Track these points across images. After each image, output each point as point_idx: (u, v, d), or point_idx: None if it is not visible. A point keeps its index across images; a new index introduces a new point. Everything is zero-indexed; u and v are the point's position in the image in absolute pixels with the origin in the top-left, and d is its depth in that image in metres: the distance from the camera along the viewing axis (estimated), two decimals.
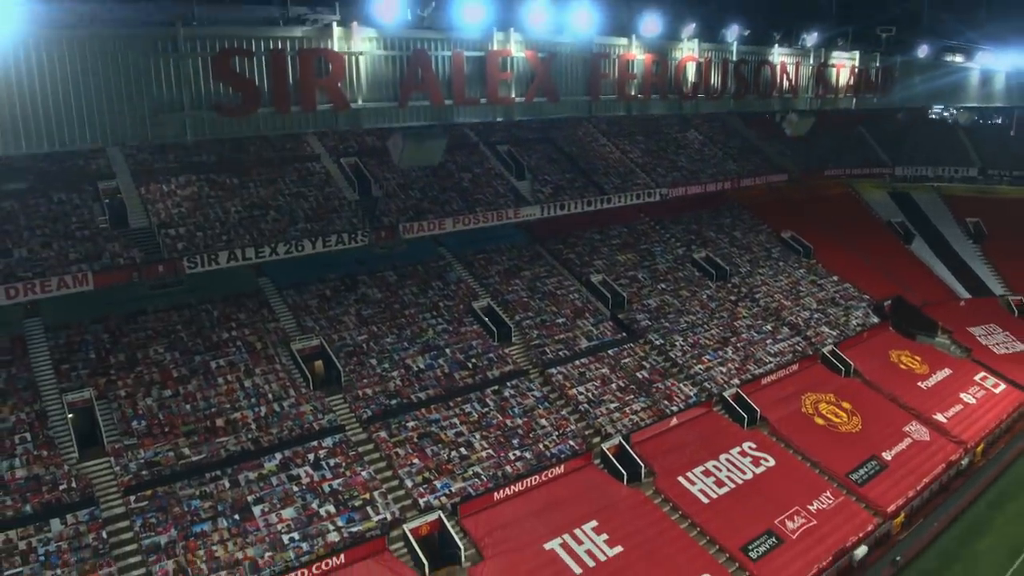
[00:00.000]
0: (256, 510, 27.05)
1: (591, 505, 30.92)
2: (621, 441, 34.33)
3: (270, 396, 32.03)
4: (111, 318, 33.12)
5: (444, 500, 29.45)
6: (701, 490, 33.07)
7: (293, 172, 41.80)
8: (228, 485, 27.72)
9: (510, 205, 45.89)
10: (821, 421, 39.59)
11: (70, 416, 28.82)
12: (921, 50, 36.96)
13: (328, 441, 30.71)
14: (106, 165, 37.80)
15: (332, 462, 29.85)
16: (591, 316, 43.29)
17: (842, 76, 34.44)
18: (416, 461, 30.96)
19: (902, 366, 46.62)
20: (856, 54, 34.46)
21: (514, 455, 32.32)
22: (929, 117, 75.13)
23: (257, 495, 27.62)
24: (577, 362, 39.27)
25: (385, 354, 36.13)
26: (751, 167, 62.07)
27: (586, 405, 36.47)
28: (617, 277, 47.38)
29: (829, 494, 34.02)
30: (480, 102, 23.62)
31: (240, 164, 40.76)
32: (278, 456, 29.41)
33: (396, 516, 28.26)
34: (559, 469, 32.26)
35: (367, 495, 28.78)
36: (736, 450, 35.95)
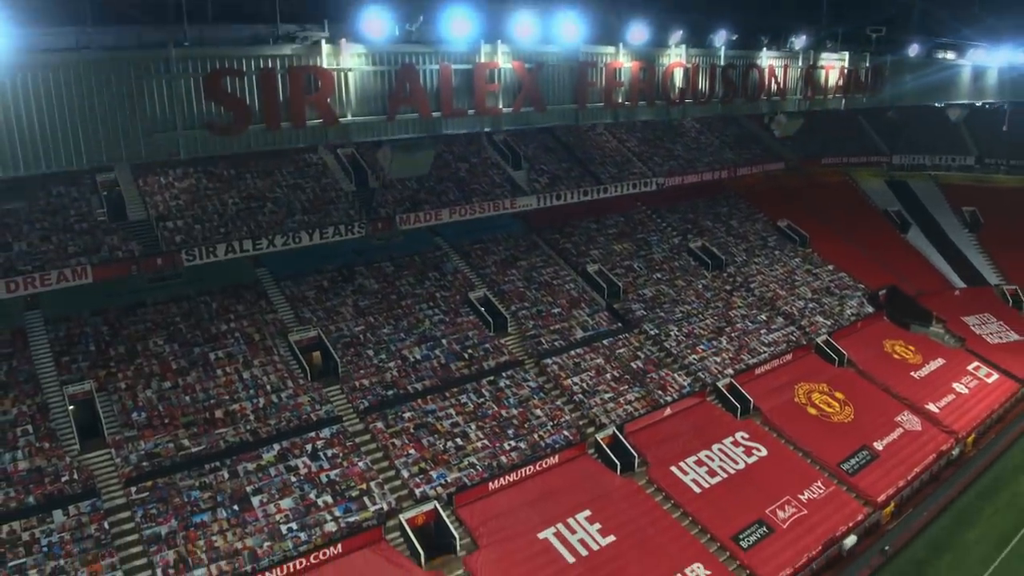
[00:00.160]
0: (255, 500, 27.53)
1: (585, 495, 31.39)
2: (615, 431, 34.76)
3: (268, 387, 32.44)
4: (110, 310, 33.47)
5: (440, 490, 29.92)
6: (693, 480, 33.52)
7: (290, 164, 41.98)
8: (227, 476, 28.18)
9: (507, 195, 46.11)
10: (814, 411, 40.01)
11: (71, 408, 29.25)
12: (912, 49, 36.94)
13: (325, 432, 31.15)
14: None
15: (329, 453, 30.30)
16: (587, 306, 43.62)
17: (831, 77, 34.45)
18: (412, 451, 31.41)
19: (895, 356, 46.98)
20: (845, 55, 34.46)
21: (509, 445, 32.76)
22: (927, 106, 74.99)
23: (256, 486, 28.09)
24: (572, 352, 39.65)
25: (382, 345, 36.51)
26: (748, 155, 62.18)
27: (581, 395, 36.87)
28: (613, 267, 47.67)
29: (820, 484, 34.48)
30: (468, 113, 23.88)
31: (237, 156, 40.84)
32: (276, 447, 29.87)
33: (392, 506, 28.74)
34: (553, 459, 32.72)
35: (364, 485, 29.25)
36: (729, 440, 36.37)
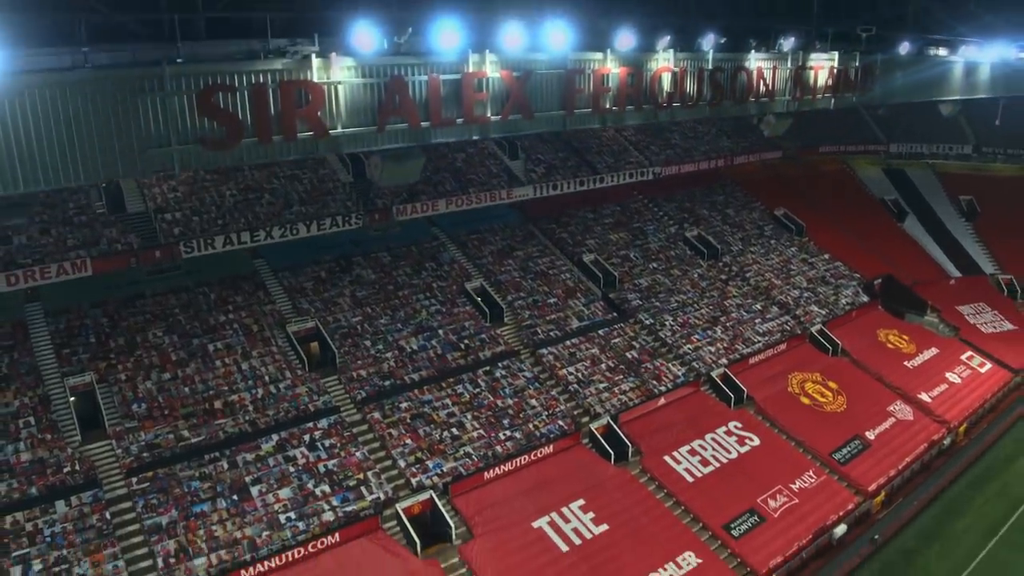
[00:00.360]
0: (254, 490, 27.99)
1: (579, 484, 31.83)
2: (609, 421, 35.18)
3: (267, 378, 32.82)
4: (110, 302, 33.80)
5: (436, 480, 30.38)
6: (686, 469, 33.94)
7: None
8: (227, 466, 28.63)
9: (503, 185, 46.31)
10: (807, 400, 40.40)
11: (72, 400, 29.64)
12: (903, 47, 36.94)
13: (323, 422, 31.57)
14: None
15: (327, 443, 30.72)
16: (582, 296, 43.92)
17: (820, 77, 34.51)
18: (409, 441, 31.84)
19: (889, 345, 47.30)
20: (835, 55, 34.49)
21: (504, 435, 33.19)
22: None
23: (255, 476, 28.54)
24: (568, 342, 40.00)
25: (379, 335, 36.86)
26: (745, 144, 62.20)
27: (576, 385, 37.26)
28: (609, 256, 47.92)
29: (812, 473, 34.90)
30: (456, 122, 24.15)
31: None
32: (275, 437, 30.28)
33: (389, 496, 29.21)
34: (548, 449, 33.15)
35: (361, 475, 29.71)
36: (722, 429, 36.78)
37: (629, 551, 29.02)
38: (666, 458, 34.30)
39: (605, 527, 29.86)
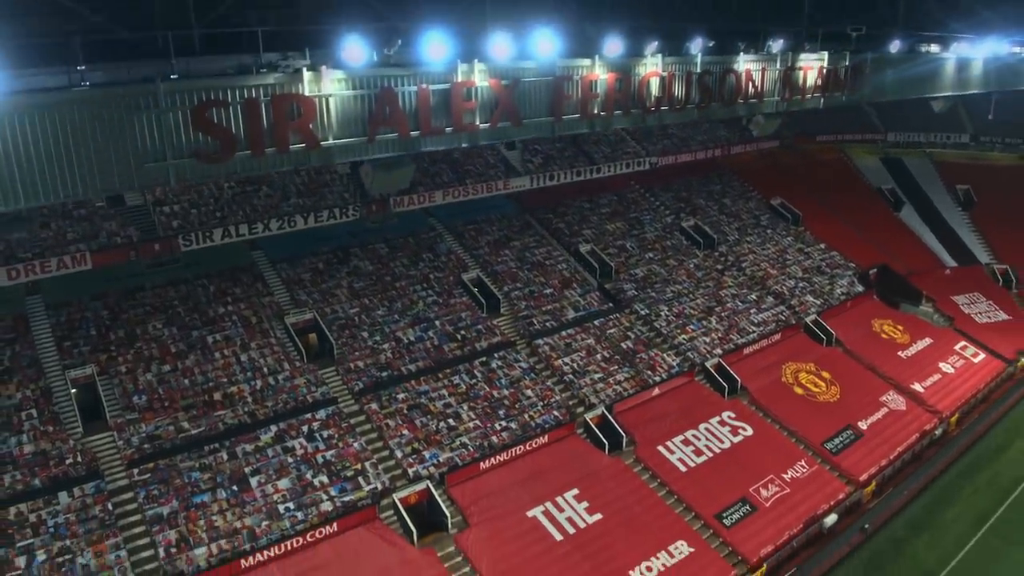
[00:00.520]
0: (253, 481, 28.44)
1: (573, 474, 32.28)
2: (604, 411, 35.60)
3: (265, 370, 33.21)
4: (110, 294, 34.11)
5: (432, 470, 30.83)
6: (680, 459, 34.34)
7: None
8: (226, 457, 29.07)
9: (500, 176, 46.55)
10: (800, 391, 40.79)
11: (73, 392, 30.04)
12: (893, 45, 36.94)
13: (321, 413, 31.97)
14: None
15: (325, 434, 31.16)
16: (578, 286, 44.23)
17: (809, 77, 34.59)
18: (406, 432, 32.27)
19: (883, 335, 47.62)
20: (824, 55, 34.53)
21: (500, 426, 33.62)
22: None
23: (254, 467, 28.97)
24: (563, 333, 40.36)
25: (376, 327, 37.21)
26: (743, 133, 62.14)
27: (571, 376, 37.66)
28: (605, 246, 48.18)
29: (804, 463, 35.32)
30: (446, 131, 24.45)
31: None
32: (273, 428, 30.70)
33: (386, 486, 29.68)
34: (543, 439, 33.58)
35: (359, 466, 30.16)
36: (715, 419, 37.16)
37: (622, 540, 29.48)
38: (660, 448, 34.72)
39: (599, 516, 30.33)
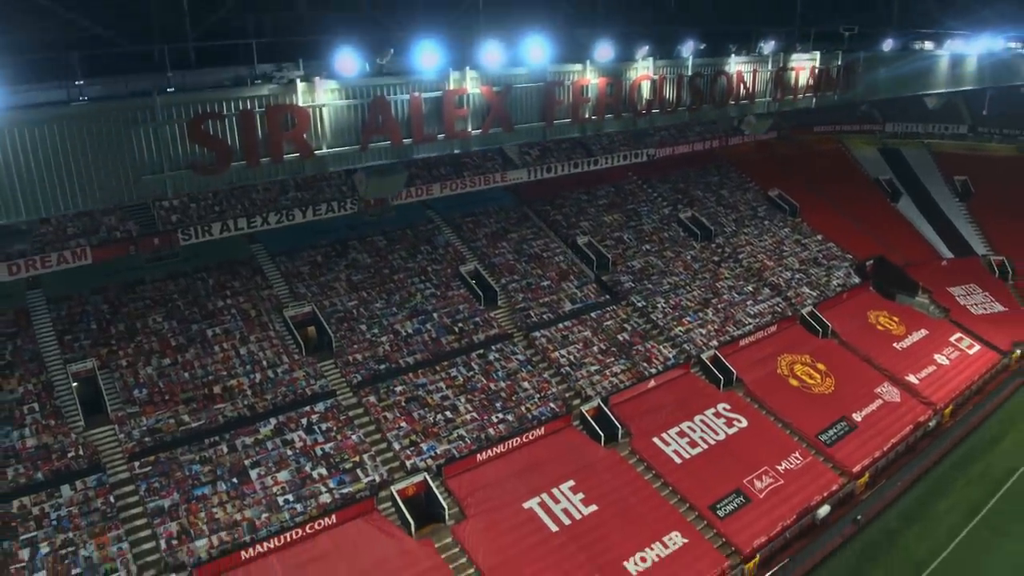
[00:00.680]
0: (253, 473, 28.78)
1: (569, 466, 32.67)
2: (600, 403, 35.93)
3: (264, 363, 33.51)
4: (110, 288, 34.33)
5: (430, 462, 31.19)
6: (675, 451, 34.72)
7: None
8: (226, 450, 29.40)
9: (497, 169, 46.68)
10: (795, 382, 41.09)
11: (75, 386, 30.32)
12: (887, 44, 36.92)
13: (320, 406, 32.30)
14: None
15: (324, 426, 31.49)
16: (575, 279, 44.47)
17: (801, 77, 34.66)
18: (403, 424, 32.62)
19: (879, 327, 47.86)
20: (816, 55, 34.59)
21: (497, 418, 33.96)
22: None
23: (253, 459, 29.32)
24: (560, 325, 40.64)
25: (375, 319, 37.48)
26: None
27: (568, 368, 37.96)
28: (603, 238, 48.37)
29: (798, 454, 35.68)
30: (438, 138, 24.57)
31: None
32: (273, 421, 31.02)
33: (384, 478, 30.05)
34: (539, 431, 33.94)
35: (357, 458, 30.51)
36: (711, 411, 37.50)
37: (617, 531, 29.89)
38: (655, 440, 35.08)
39: (594, 507, 30.73)
